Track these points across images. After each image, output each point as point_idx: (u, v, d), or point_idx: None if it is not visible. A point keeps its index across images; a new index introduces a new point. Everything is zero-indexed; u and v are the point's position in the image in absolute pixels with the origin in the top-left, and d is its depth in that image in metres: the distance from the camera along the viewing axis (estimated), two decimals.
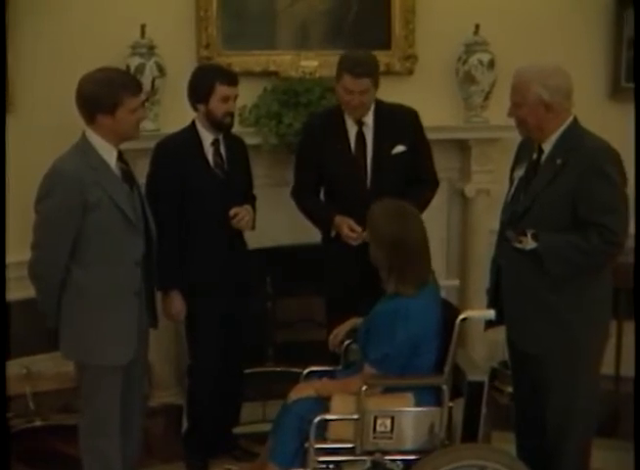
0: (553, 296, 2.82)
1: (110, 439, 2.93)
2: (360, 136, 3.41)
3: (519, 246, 2.81)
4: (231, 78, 3.33)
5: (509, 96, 2.89)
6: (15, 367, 3.63)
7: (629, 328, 4.09)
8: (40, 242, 2.81)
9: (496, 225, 3.08)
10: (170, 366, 4.15)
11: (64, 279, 2.80)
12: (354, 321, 3.09)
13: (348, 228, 3.31)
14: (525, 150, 2.99)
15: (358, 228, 3.28)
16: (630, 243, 3.25)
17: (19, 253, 2.87)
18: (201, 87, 3.29)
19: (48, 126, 3.77)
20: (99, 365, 2.86)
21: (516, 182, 2.97)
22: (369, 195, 3.31)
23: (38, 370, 3.69)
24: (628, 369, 3.90)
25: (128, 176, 2.91)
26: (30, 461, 3.52)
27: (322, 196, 3.57)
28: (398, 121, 3.42)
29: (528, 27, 4.25)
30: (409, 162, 3.43)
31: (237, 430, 3.67)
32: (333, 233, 3.42)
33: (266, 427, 3.17)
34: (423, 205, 3.37)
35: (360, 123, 3.40)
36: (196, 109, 3.34)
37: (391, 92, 3.46)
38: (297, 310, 4.37)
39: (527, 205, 2.84)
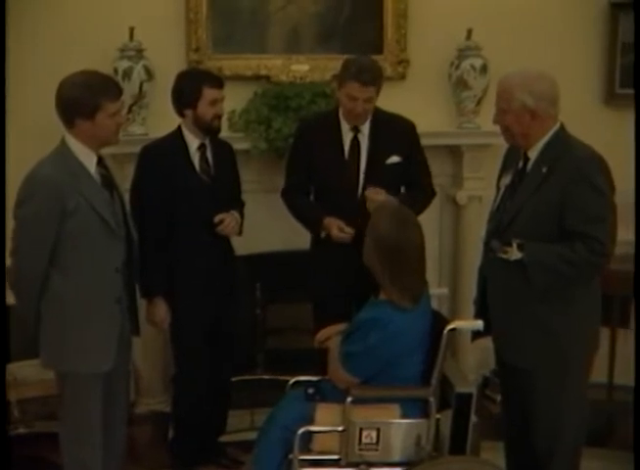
0: (539, 307, 2.77)
1: (91, 448, 2.89)
2: (355, 143, 3.36)
3: (504, 256, 2.76)
4: (217, 81, 3.30)
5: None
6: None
7: (622, 336, 4.06)
8: (18, 248, 2.77)
9: None
10: (157, 373, 4.12)
11: (43, 286, 2.76)
12: (340, 326, 3.03)
13: (338, 229, 3.27)
14: (512, 157, 2.94)
15: (348, 229, 3.24)
16: (625, 250, 3.22)
17: None
18: (188, 92, 3.25)
19: (37, 128, 3.71)
20: (78, 373, 2.82)
21: (502, 190, 2.92)
22: (359, 203, 3.27)
23: (23, 377, 3.64)
24: (622, 377, 3.87)
25: (108, 182, 2.87)
26: (15, 469, 3.48)
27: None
28: (395, 132, 3.37)
29: (522, 32, 4.21)
30: (403, 173, 3.39)
31: (224, 438, 3.64)
32: (323, 234, 3.37)
33: (254, 435, 3.11)
34: (416, 212, 3.32)
35: (356, 130, 3.36)
36: (182, 114, 3.30)
37: (383, 97, 3.40)
38: (286, 317, 4.33)
39: (513, 214, 2.79)
